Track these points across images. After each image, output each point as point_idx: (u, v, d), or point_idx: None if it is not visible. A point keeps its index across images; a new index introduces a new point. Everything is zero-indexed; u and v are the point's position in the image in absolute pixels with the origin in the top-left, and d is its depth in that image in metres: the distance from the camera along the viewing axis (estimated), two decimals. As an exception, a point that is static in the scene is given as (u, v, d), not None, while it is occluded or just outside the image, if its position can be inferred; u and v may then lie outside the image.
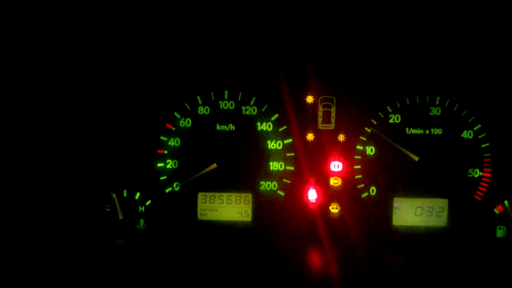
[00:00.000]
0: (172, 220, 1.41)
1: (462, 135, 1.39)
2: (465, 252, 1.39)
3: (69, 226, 1.36)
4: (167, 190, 1.40)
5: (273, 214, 1.41)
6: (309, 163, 1.40)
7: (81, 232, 1.38)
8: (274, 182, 1.41)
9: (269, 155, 1.40)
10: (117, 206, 1.38)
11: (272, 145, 1.40)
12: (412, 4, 1.25)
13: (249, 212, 1.41)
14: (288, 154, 1.40)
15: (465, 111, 1.38)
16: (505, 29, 1.29)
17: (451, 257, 1.37)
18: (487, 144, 1.39)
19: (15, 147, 1.25)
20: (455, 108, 1.38)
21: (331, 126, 1.40)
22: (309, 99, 1.39)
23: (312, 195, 1.40)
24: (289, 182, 1.41)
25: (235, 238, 1.41)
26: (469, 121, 1.38)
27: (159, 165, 1.40)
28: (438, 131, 1.39)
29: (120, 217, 1.38)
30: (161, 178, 1.40)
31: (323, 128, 1.40)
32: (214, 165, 1.38)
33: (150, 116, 1.39)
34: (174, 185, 1.40)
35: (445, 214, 1.40)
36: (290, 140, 1.40)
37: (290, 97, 1.39)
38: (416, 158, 1.36)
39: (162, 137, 1.40)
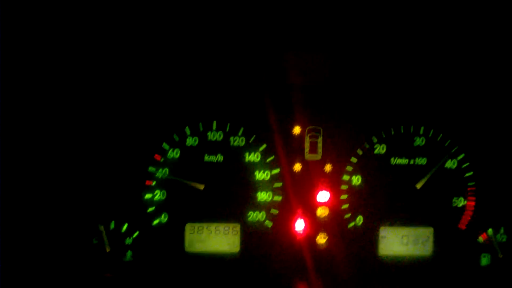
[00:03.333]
0: (159, 252, 1.40)
1: (446, 165, 1.41)
2: (450, 280, 1.40)
3: (56, 258, 1.35)
4: (154, 222, 1.40)
5: (261, 245, 1.41)
6: (297, 194, 1.41)
7: (68, 265, 1.36)
8: (262, 213, 1.41)
9: (257, 185, 1.40)
10: (105, 238, 1.36)
11: (260, 175, 1.41)
12: (396, 35, 1.28)
13: (237, 243, 1.40)
14: (275, 185, 1.41)
15: (449, 140, 1.41)
16: (489, 61, 1.33)
17: (437, 286, 1.38)
18: (471, 173, 1.41)
19: (6, 180, 1.24)
20: (439, 138, 1.41)
21: (318, 157, 1.41)
22: (296, 129, 1.41)
23: (299, 225, 1.41)
24: (276, 212, 1.41)
25: (223, 269, 1.40)
26: (453, 151, 1.41)
27: (147, 196, 1.40)
28: (422, 161, 1.41)
29: (108, 250, 1.37)
30: (149, 210, 1.40)
31: (310, 158, 1.41)
32: (202, 186, 1.38)
33: (138, 147, 1.39)
34: (162, 217, 1.40)
35: (430, 243, 1.41)
36: (277, 171, 1.41)
37: (278, 128, 1.40)
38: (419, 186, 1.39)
39: (150, 168, 1.40)
